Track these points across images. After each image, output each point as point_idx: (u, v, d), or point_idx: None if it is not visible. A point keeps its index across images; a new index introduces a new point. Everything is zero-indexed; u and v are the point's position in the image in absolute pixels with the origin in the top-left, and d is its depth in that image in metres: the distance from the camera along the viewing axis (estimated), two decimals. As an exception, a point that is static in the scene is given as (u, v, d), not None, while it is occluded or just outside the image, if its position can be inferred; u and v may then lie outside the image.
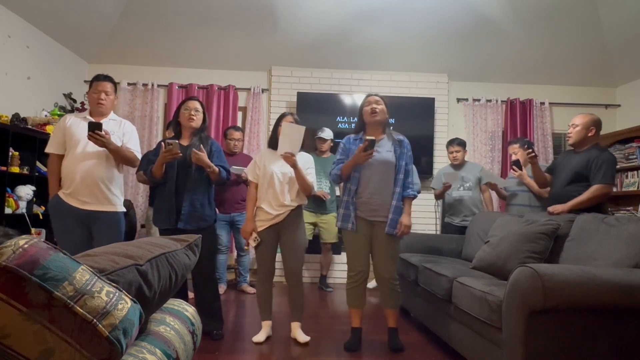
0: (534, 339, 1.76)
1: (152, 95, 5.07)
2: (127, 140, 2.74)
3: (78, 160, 2.59)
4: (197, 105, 2.82)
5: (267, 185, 2.77)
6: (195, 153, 2.66)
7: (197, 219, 2.76)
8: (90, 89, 2.74)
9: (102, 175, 2.62)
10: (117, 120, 2.80)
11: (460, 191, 4.00)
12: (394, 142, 2.72)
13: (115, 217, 2.68)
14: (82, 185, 2.58)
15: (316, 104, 4.99)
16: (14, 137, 3.59)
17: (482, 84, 5.36)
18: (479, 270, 2.70)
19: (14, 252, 0.72)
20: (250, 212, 2.82)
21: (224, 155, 2.93)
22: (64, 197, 2.61)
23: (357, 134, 2.81)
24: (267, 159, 2.83)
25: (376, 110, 2.68)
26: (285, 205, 2.76)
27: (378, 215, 2.65)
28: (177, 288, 1.17)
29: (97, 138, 2.48)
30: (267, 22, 4.55)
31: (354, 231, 2.67)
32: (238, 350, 2.62)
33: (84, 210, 2.59)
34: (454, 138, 4.14)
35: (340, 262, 4.90)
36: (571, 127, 3.13)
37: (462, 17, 4.43)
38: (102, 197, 2.63)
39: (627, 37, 4.51)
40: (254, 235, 2.77)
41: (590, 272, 1.79)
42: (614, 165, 2.93)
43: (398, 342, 2.69)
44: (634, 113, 5.14)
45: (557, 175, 3.15)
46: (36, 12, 4.02)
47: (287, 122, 2.71)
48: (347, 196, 2.71)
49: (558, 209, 2.89)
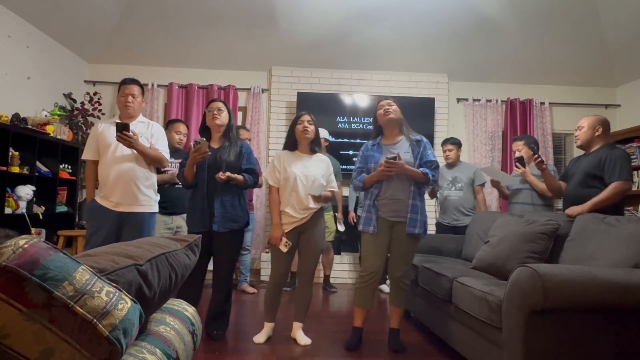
0: (534, 339, 1.76)
1: (152, 95, 5.07)
2: (155, 141, 2.81)
3: (110, 164, 2.68)
4: (219, 104, 2.83)
5: (290, 189, 2.75)
6: (219, 178, 2.65)
7: (230, 221, 2.75)
8: (118, 93, 2.82)
9: (132, 176, 2.68)
10: (145, 122, 2.86)
11: (451, 191, 4.01)
12: (411, 142, 2.71)
13: (143, 217, 2.73)
14: (115, 187, 2.66)
15: (316, 104, 4.99)
16: (14, 137, 3.59)
17: (482, 84, 5.36)
18: (479, 270, 2.69)
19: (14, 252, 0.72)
20: (277, 217, 2.78)
21: (253, 157, 2.92)
22: (99, 200, 2.70)
23: (374, 140, 2.81)
24: (286, 161, 2.81)
25: (389, 110, 2.69)
26: (309, 209, 2.75)
27: (398, 215, 2.64)
28: (177, 288, 1.17)
29: (124, 138, 2.55)
30: (267, 22, 4.55)
31: (375, 234, 2.66)
32: (238, 351, 2.62)
33: (117, 212, 2.67)
34: (448, 137, 4.16)
35: (340, 263, 4.90)
36: (577, 130, 3.05)
37: (462, 17, 4.43)
38: (134, 198, 2.69)
39: (627, 37, 4.51)
40: (284, 240, 2.74)
41: (590, 272, 1.79)
42: (629, 161, 2.82)
43: (399, 343, 2.69)
44: (634, 113, 5.14)
45: (570, 179, 3.06)
46: (36, 12, 4.02)
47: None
48: (368, 199, 2.71)
49: (577, 211, 2.74)
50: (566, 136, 5.54)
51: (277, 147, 4.96)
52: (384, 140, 2.79)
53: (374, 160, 2.68)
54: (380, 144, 2.77)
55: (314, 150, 2.88)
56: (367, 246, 2.69)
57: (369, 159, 2.72)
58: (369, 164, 2.71)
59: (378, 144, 2.77)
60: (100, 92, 5.03)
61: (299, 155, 2.84)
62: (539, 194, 3.53)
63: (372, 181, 2.67)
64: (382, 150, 2.72)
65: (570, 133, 5.40)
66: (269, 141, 5.19)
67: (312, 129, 2.82)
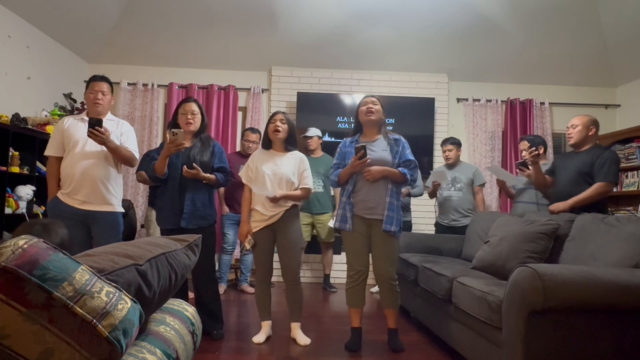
0: (534, 339, 1.76)
1: (152, 95, 5.06)
2: (125, 139, 2.74)
3: (77, 160, 2.60)
4: (193, 107, 2.80)
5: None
6: (187, 172, 2.65)
7: (199, 218, 2.76)
8: (87, 89, 2.74)
9: (100, 174, 2.62)
10: (115, 120, 2.81)
11: (450, 191, 4.00)
12: (389, 141, 2.73)
13: (113, 217, 2.68)
14: (81, 184, 2.59)
15: (316, 104, 4.99)
16: (14, 137, 3.58)
17: (482, 84, 5.36)
18: (479, 270, 2.69)
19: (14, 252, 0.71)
20: (245, 214, 2.83)
21: (224, 157, 2.93)
22: (62, 198, 2.62)
23: (353, 136, 2.82)
24: (259, 160, 2.84)
25: (372, 110, 2.69)
26: (279, 206, 2.76)
27: (375, 213, 2.64)
28: (177, 288, 1.17)
29: (96, 134, 2.48)
30: (267, 22, 4.55)
31: (351, 231, 2.67)
32: (238, 350, 2.62)
33: (83, 210, 2.60)
34: (448, 137, 4.15)
35: (340, 262, 4.90)
36: (570, 127, 3.14)
37: (462, 17, 4.43)
38: (100, 196, 2.63)
39: (627, 37, 4.51)
40: (249, 237, 2.78)
41: (591, 272, 1.79)
42: (618, 164, 2.93)
43: (398, 343, 2.69)
44: (634, 113, 5.13)
45: (559, 175, 3.14)
46: (36, 12, 4.01)
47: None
48: (344, 197, 2.72)
49: (560, 207, 2.89)
50: (566, 137, 5.52)
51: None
52: (363, 137, 2.79)
53: (351, 156, 2.68)
54: (358, 140, 2.77)
55: (289, 148, 2.87)
56: (348, 244, 2.71)
57: (347, 155, 2.72)
58: (346, 160, 2.71)
59: (356, 140, 2.77)
60: (100, 92, 5.02)
61: (273, 153, 2.85)
62: (543, 193, 3.53)
63: (346, 174, 2.67)
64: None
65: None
66: (269, 141, 5.18)
67: (283, 127, 2.81)
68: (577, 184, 2.96)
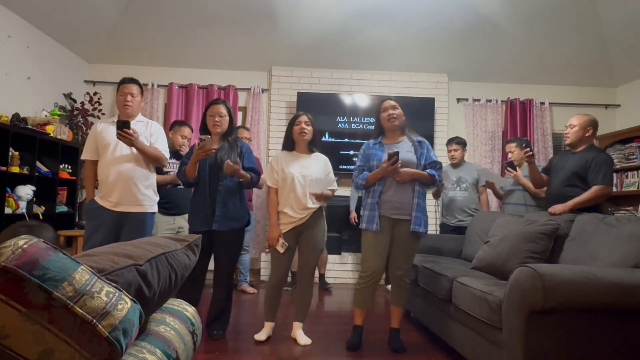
0: (534, 339, 1.76)
1: (152, 95, 5.07)
2: (155, 140, 2.79)
3: (109, 163, 2.66)
4: (221, 109, 2.80)
5: (289, 190, 2.76)
6: (229, 166, 2.62)
7: (230, 220, 2.75)
8: (117, 92, 2.80)
9: (132, 175, 2.67)
10: (144, 121, 2.85)
11: (456, 191, 4.00)
12: (413, 143, 2.73)
13: (142, 217, 2.71)
14: (114, 186, 2.65)
15: (316, 104, 4.98)
16: (14, 137, 3.59)
17: (482, 84, 5.36)
18: (479, 270, 2.70)
19: (14, 252, 0.71)
20: (275, 218, 2.79)
21: (253, 157, 2.93)
22: (98, 200, 2.69)
23: (376, 138, 2.81)
24: (284, 162, 2.82)
25: (394, 116, 2.70)
26: (308, 208, 2.76)
27: (401, 213, 2.64)
28: (177, 288, 1.17)
29: (125, 136, 2.53)
30: (267, 22, 4.55)
31: (377, 232, 2.64)
32: (238, 350, 2.62)
33: (116, 212, 2.65)
34: (453, 137, 4.13)
35: (340, 262, 4.90)
36: (568, 127, 3.14)
37: (462, 17, 4.43)
38: (132, 197, 2.67)
39: (627, 37, 4.51)
40: (281, 240, 2.74)
41: (591, 272, 1.79)
42: (612, 166, 2.96)
43: (399, 343, 2.69)
44: (634, 113, 5.13)
45: (554, 175, 3.14)
46: (36, 12, 4.01)
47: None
48: (371, 198, 2.69)
49: (559, 209, 2.87)
50: (564, 136, 5.52)
51: (277, 147, 4.95)
52: (386, 139, 2.79)
53: (377, 158, 2.68)
54: (382, 142, 2.77)
55: (312, 150, 2.88)
56: (369, 246, 2.68)
57: (371, 157, 2.71)
58: (370, 162, 2.71)
59: (380, 142, 2.77)
60: (100, 92, 5.02)
61: (297, 155, 2.84)
62: (531, 194, 3.60)
63: (375, 178, 2.66)
64: (384, 148, 2.72)
65: (570, 133, 5.41)
66: (269, 141, 5.18)
67: (309, 129, 2.82)
68: (569, 185, 2.96)
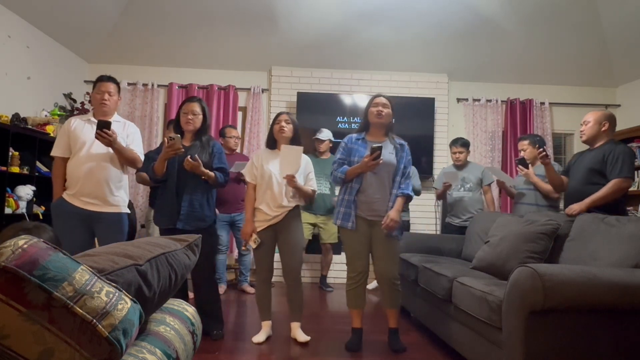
0: (534, 339, 1.76)
1: (152, 95, 5.07)
2: (131, 141, 2.75)
3: (83, 162, 2.60)
4: (194, 107, 2.80)
5: (266, 187, 2.77)
6: (189, 163, 2.63)
7: (196, 219, 2.76)
8: (93, 90, 2.74)
9: (106, 175, 2.63)
10: (121, 121, 2.81)
11: (460, 192, 3.98)
12: (395, 145, 2.73)
13: (117, 217, 2.68)
14: (86, 186, 2.59)
15: (316, 104, 4.98)
16: (14, 137, 3.58)
17: (482, 84, 5.35)
18: (479, 270, 2.69)
19: (14, 252, 0.71)
20: (250, 213, 2.81)
21: (224, 157, 2.92)
22: (67, 198, 2.62)
23: (359, 133, 2.80)
24: (264, 159, 2.83)
25: (382, 114, 2.68)
26: (283, 207, 2.76)
27: (377, 215, 2.65)
28: (177, 288, 1.17)
29: (104, 137, 2.49)
30: (267, 22, 4.55)
31: (353, 230, 2.66)
32: (238, 350, 2.62)
33: (87, 211, 2.60)
34: (458, 138, 4.08)
35: (340, 262, 4.90)
36: (583, 124, 2.95)
37: (462, 17, 4.43)
38: (105, 198, 2.64)
39: (627, 37, 4.51)
40: (254, 236, 2.76)
41: (591, 272, 1.79)
42: (632, 158, 2.73)
43: (399, 343, 2.69)
44: (634, 113, 5.13)
45: (572, 175, 3.00)
46: (36, 12, 4.01)
47: (285, 145, 2.71)
48: (347, 195, 2.70)
49: (575, 209, 2.71)
50: (566, 136, 5.53)
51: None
52: (369, 136, 2.77)
53: (359, 154, 2.67)
54: (365, 139, 2.75)
55: None
56: (349, 245, 2.70)
57: (353, 152, 2.70)
58: (352, 157, 2.69)
59: (363, 138, 2.76)
60: (100, 92, 5.02)
61: (278, 153, 2.83)
62: (543, 194, 3.50)
63: (354, 173, 2.64)
64: (367, 145, 2.70)
65: (570, 133, 5.40)
66: (269, 141, 5.18)
67: (289, 127, 2.82)
68: (588, 183, 2.80)
